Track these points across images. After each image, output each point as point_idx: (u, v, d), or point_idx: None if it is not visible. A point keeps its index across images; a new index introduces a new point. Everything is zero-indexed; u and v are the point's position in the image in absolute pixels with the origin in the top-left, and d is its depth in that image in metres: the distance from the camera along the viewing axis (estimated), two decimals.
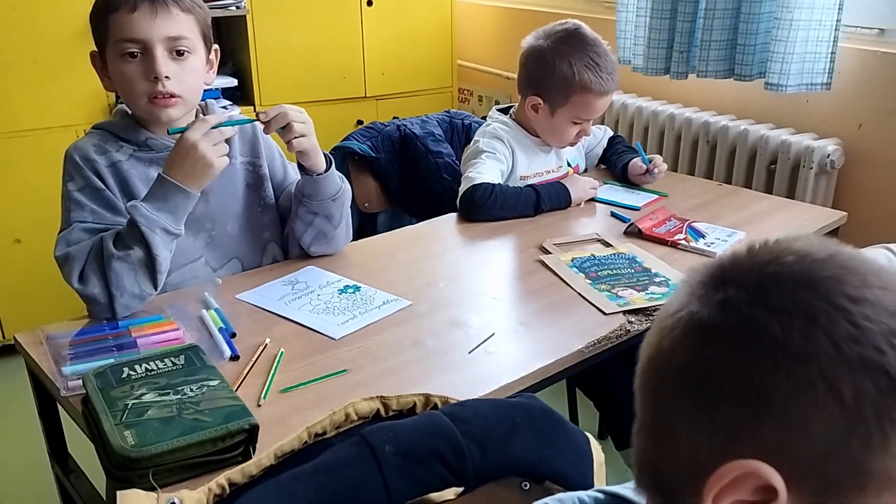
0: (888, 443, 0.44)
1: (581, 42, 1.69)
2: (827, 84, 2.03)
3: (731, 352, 0.47)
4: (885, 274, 0.49)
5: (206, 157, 1.19)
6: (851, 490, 0.45)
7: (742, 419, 0.46)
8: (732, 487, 0.46)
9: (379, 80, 3.15)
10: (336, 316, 1.25)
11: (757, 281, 0.49)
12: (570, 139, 1.80)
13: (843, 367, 0.45)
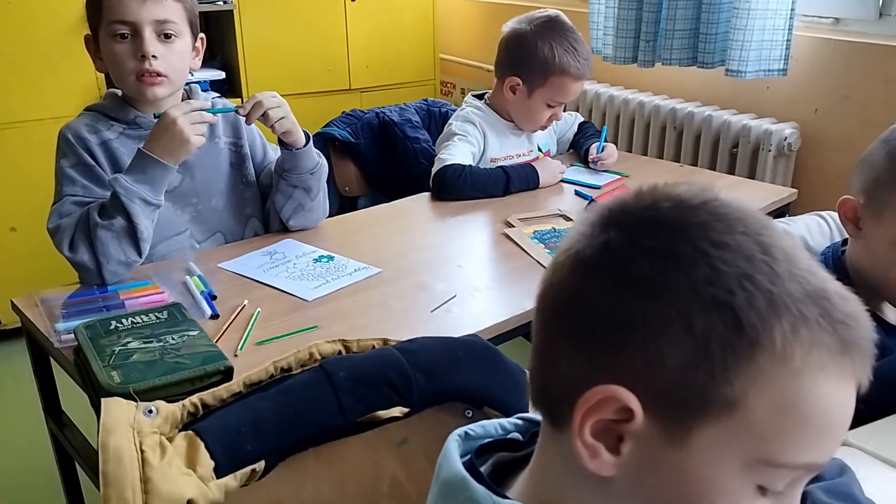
0: (729, 373, 0.48)
1: (561, 28, 1.81)
2: (783, 70, 2.14)
3: (604, 288, 0.52)
4: (752, 220, 0.53)
5: (184, 133, 1.29)
6: (696, 413, 0.49)
7: (609, 349, 0.51)
8: (597, 408, 0.51)
9: (363, 73, 3.25)
10: (310, 281, 1.35)
11: (635, 224, 0.53)
12: (543, 122, 1.90)
13: (696, 305, 0.49)
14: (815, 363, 0.49)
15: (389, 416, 0.81)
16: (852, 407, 0.52)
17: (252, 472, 0.73)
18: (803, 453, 0.50)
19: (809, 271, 0.51)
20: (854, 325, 0.50)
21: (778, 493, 0.52)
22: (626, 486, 0.53)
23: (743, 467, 0.50)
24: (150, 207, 1.29)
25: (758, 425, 0.49)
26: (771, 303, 0.48)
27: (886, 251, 1.09)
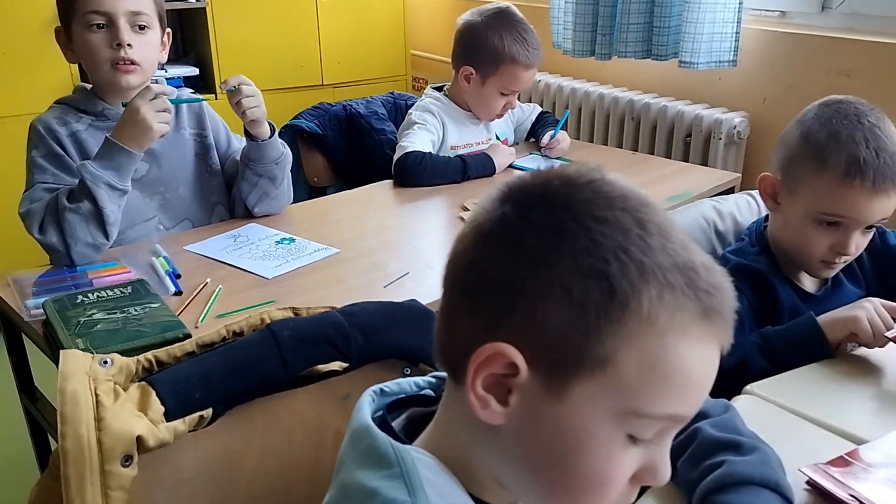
0: (601, 334, 0.54)
1: (511, 18, 1.90)
2: (733, 62, 2.23)
3: (498, 257, 0.58)
4: (632, 198, 0.59)
5: (147, 121, 1.36)
6: (573, 369, 0.55)
7: (499, 311, 0.57)
8: (488, 363, 0.57)
9: (335, 69, 3.32)
10: (271, 261, 1.43)
11: (527, 200, 0.59)
12: (498, 110, 1.98)
13: (576, 274, 0.55)
14: (679, 326, 0.55)
15: (329, 369, 0.88)
16: (714, 366, 0.59)
17: (200, 419, 0.81)
18: (667, 406, 0.57)
19: (681, 245, 0.57)
20: (717, 294, 0.57)
21: (647, 442, 0.59)
22: (513, 434, 0.60)
23: (613, 418, 0.56)
24: (116, 192, 1.36)
25: (626, 380, 0.55)
26: (641, 272, 0.55)
27: (801, 224, 1.18)
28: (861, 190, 1.10)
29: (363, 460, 0.64)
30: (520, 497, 0.65)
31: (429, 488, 0.61)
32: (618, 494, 0.60)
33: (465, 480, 0.64)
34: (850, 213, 1.13)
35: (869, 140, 1.11)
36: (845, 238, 1.14)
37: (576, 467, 0.58)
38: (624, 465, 0.59)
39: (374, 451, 0.64)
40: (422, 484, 0.61)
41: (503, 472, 0.63)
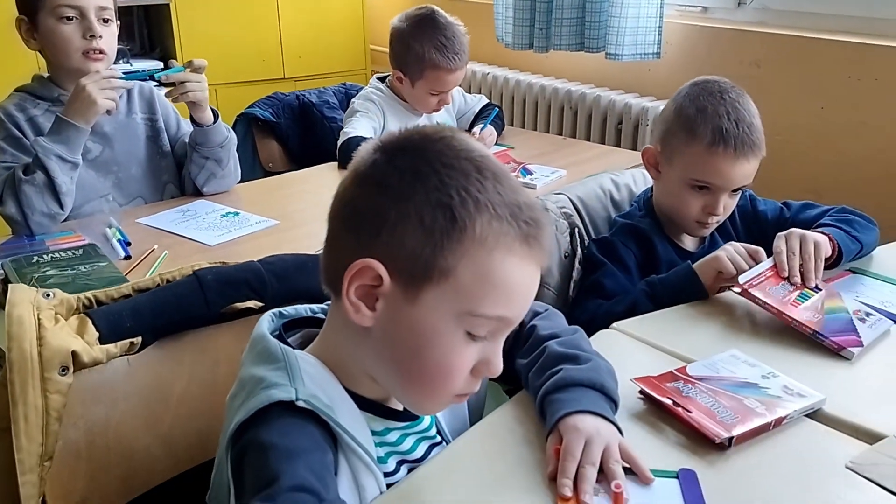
0: (445, 251, 0.70)
1: (432, 25, 2.01)
2: (657, 54, 2.40)
3: (369, 193, 0.75)
4: (475, 152, 0.75)
5: (91, 96, 1.50)
6: (424, 278, 0.72)
7: (369, 235, 0.73)
8: (359, 276, 0.73)
9: (296, 63, 3.46)
10: (215, 231, 1.57)
11: (393, 149, 0.75)
12: (433, 106, 2.13)
13: (427, 206, 0.71)
14: (504, 246, 0.73)
15: (245, 306, 1.03)
16: (534, 281, 0.77)
17: (130, 345, 0.95)
18: (496, 309, 0.74)
19: (510, 188, 0.75)
20: (534, 224, 0.74)
21: (483, 340, 0.76)
22: (380, 334, 0.76)
23: (455, 318, 0.73)
24: (66, 164, 1.50)
25: (464, 287, 0.72)
26: (476, 205, 0.72)
27: (677, 189, 1.34)
28: (725, 156, 1.27)
29: (257, 359, 0.80)
30: (386, 386, 0.81)
31: (307, 378, 0.76)
32: (461, 382, 0.77)
33: (342, 377, 0.80)
34: (716, 179, 1.29)
35: (730, 113, 1.28)
36: (715, 200, 1.31)
37: (428, 358, 0.75)
38: (465, 357, 0.75)
39: (265, 351, 0.80)
40: (301, 375, 0.76)
41: (373, 367, 0.79)
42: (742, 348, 1.04)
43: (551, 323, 0.99)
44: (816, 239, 1.20)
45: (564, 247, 1.38)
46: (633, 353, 1.07)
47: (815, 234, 1.22)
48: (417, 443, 0.86)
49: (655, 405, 0.93)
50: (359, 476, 0.77)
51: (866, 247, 1.31)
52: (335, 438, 0.75)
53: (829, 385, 0.97)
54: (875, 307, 1.17)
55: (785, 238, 1.21)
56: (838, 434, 0.89)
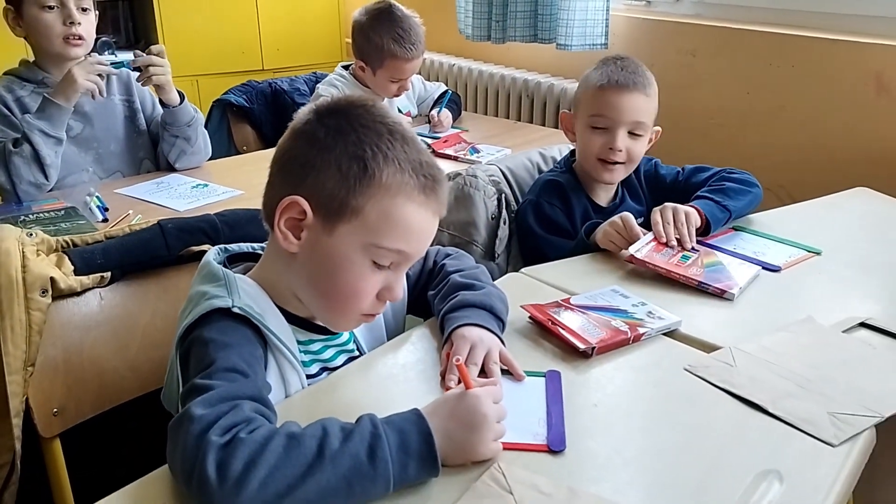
0: (357, 193, 0.88)
1: (389, 18, 2.19)
2: (605, 44, 2.59)
3: (300, 145, 0.94)
4: (389, 118, 0.93)
5: (73, 77, 1.69)
6: (338, 215, 0.89)
7: (298, 178, 0.91)
8: (288, 209, 0.90)
9: (275, 55, 3.63)
10: (185, 199, 1.75)
11: (324, 112, 0.95)
12: (393, 92, 2.31)
13: (345, 156, 0.89)
14: (405, 194, 0.90)
15: (200, 250, 1.21)
16: (430, 224, 0.95)
17: (101, 278, 1.13)
18: (396, 244, 0.92)
19: (415, 149, 0.93)
20: (431, 179, 0.93)
21: (386, 270, 0.93)
22: (304, 259, 0.94)
23: (362, 249, 0.91)
24: (50, 139, 1.68)
25: (370, 224, 0.90)
26: (385, 159, 0.90)
27: (583, 135, 1.53)
28: (612, 90, 1.48)
29: (202, 280, 0.98)
30: (308, 305, 0.99)
31: (243, 293, 0.94)
32: (367, 303, 0.95)
33: (274, 296, 0.98)
34: (608, 111, 1.48)
35: (618, 64, 1.51)
36: (613, 136, 1.49)
37: (340, 281, 0.93)
38: (370, 282, 0.93)
39: (209, 273, 0.98)
40: (238, 290, 0.94)
41: (298, 288, 0.97)
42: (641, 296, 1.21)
43: (459, 262, 1.17)
44: (686, 210, 1.38)
45: (492, 210, 1.57)
46: (535, 292, 1.25)
47: (685, 206, 1.40)
48: (337, 354, 1.04)
49: (539, 325, 1.11)
50: (284, 372, 0.95)
51: (737, 211, 1.48)
52: (266, 341, 0.93)
53: (710, 317, 1.16)
54: (747, 256, 1.36)
55: (660, 211, 1.39)
56: (687, 347, 1.08)
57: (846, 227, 1.55)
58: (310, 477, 0.73)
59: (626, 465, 0.84)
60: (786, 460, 0.84)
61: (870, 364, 1.01)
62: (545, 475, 0.81)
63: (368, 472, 0.75)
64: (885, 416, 0.90)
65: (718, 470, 0.83)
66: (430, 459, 0.78)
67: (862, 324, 1.12)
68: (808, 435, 0.87)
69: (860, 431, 0.87)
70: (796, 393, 0.94)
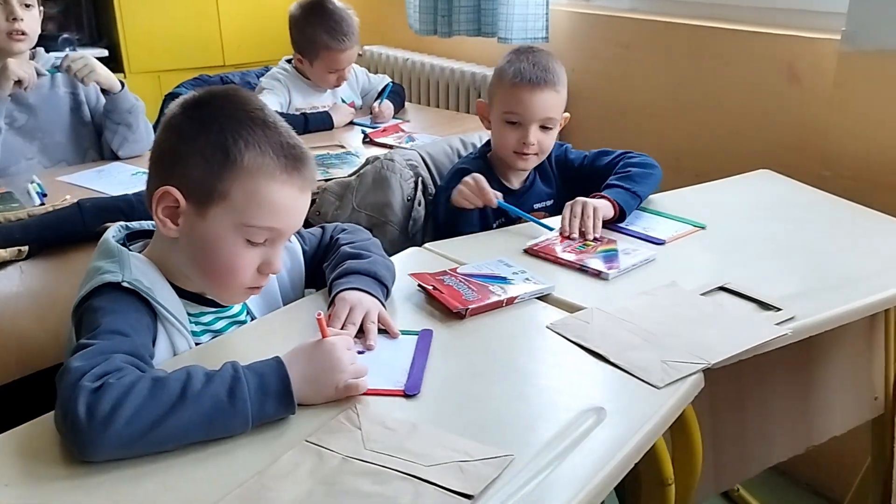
0: (223, 179, 0.96)
1: (321, 11, 2.29)
2: (545, 38, 2.68)
3: (170, 137, 1.01)
4: (251, 104, 1.02)
5: (7, 67, 1.78)
6: (208, 200, 0.98)
7: (169, 168, 1.00)
8: (162, 199, 0.99)
9: (236, 51, 3.70)
10: (122, 186, 1.83)
11: (190, 104, 1.02)
12: (333, 83, 2.40)
13: (209, 146, 0.97)
14: (267, 175, 0.99)
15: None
16: (297, 201, 1.03)
17: (19, 252, 1.22)
18: (265, 221, 1.00)
19: (276, 132, 1.01)
20: (293, 158, 1.01)
21: (262, 246, 1.02)
22: (184, 242, 1.03)
23: (234, 229, 1.00)
24: None
25: (238, 205, 0.99)
26: (246, 144, 0.98)
27: (498, 128, 1.62)
28: (525, 88, 1.56)
29: (99, 257, 1.06)
30: (196, 281, 1.07)
31: (134, 269, 1.03)
32: (248, 278, 1.04)
33: (166, 273, 1.06)
34: (520, 108, 1.57)
35: (530, 59, 1.59)
36: (525, 132, 1.58)
37: (217, 260, 1.02)
38: (246, 259, 1.02)
39: (105, 250, 1.06)
40: (130, 266, 1.03)
41: (184, 267, 1.06)
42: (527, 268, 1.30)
43: (352, 236, 1.26)
44: (596, 204, 1.46)
45: (408, 192, 1.66)
46: (432, 264, 1.34)
47: (595, 200, 1.48)
48: (229, 325, 1.13)
49: (425, 291, 1.21)
50: (174, 340, 1.04)
51: (645, 195, 1.58)
52: (156, 313, 1.02)
53: (586, 285, 1.26)
54: (636, 232, 1.46)
55: (570, 206, 1.47)
56: (556, 309, 1.17)
57: (740, 204, 1.65)
58: (172, 415, 0.82)
59: (472, 406, 0.94)
60: (613, 400, 0.94)
61: (715, 321, 1.11)
62: (396, 415, 0.90)
63: (228, 409, 0.84)
64: (712, 363, 1.00)
65: (552, 409, 0.93)
66: (286, 398, 0.87)
67: (721, 287, 1.23)
68: (640, 380, 0.97)
69: (685, 376, 0.97)
70: (639, 345, 1.04)
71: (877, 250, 1.39)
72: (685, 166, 2.30)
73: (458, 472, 0.79)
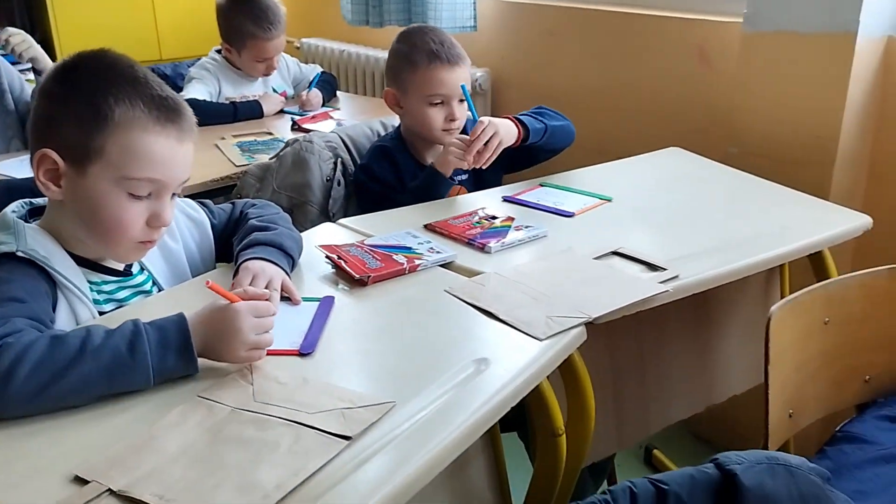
0: (97, 135, 0.99)
1: (245, 1, 2.31)
2: (473, 27, 2.74)
3: (42, 103, 1.05)
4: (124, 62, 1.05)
5: None
6: (86, 159, 1.00)
7: (46, 132, 1.02)
8: (42, 162, 1.02)
9: (173, 45, 3.68)
10: None
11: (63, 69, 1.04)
12: (262, 71, 2.43)
13: (82, 104, 1.00)
14: (140, 127, 1.02)
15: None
16: (174, 151, 1.05)
17: None
18: (144, 173, 1.03)
19: (148, 87, 1.04)
20: (165, 109, 1.04)
21: (147, 199, 1.04)
22: (70, 203, 1.05)
23: (115, 183, 1.02)
24: None
25: (114, 160, 1.01)
26: (116, 100, 1.01)
27: (421, 111, 1.66)
28: (443, 69, 1.62)
29: None
30: (89, 243, 1.08)
31: (30, 239, 1.04)
32: (137, 232, 1.06)
33: (63, 242, 1.08)
34: (443, 89, 1.63)
35: (436, 40, 1.65)
36: (451, 108, 1.64)
37: (104, 216, 1.04)
38: (132, 212, 1.04)
39: (2, 224, 1.07)
40: (25, 237, 1.04)
41: (76, 230, 1.07)
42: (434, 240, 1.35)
43: (260, 210, 1.30)
44: (498, 125, 1.56)
45: (326, 172, 1.70)
46: (344, 236, 1.38)
47: (501, 120, 1.58)
48: (133, 295, 1.16)
49: (332, 262, 1.25)
50: (75, 308, 1.06)
51: (552, 129, 1.67)
52: (56, 282, 1.04)
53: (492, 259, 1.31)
54: (547, 206, 1.52)
55: (481, 125, 1.55)
56: (456, 275, 1.23)
57: (647, 179, 1.73)
58: (72, 369, 0.85)
59: (364, 362, 0.98)
60: (498, 353, 0.99)
61: (603, 281, 1.18)
62: (289, 372, 0.94)
63: (128, 363, 0.87)
64: (592, 316, 1.06)
65: (439, 362, 0.98)
66: (187, 353, 0.91)
67: (614, 252, 1.29)
68: (525, 333, 1.03)
69: (566, 329, 1.03)
70: (528, 304, 1.10)
71: (771, 217, 1.47)
72: (607, 149, 2.37)
73: (340, 417, 0.84)
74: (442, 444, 0.81)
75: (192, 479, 0.75)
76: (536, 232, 1.38)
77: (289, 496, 0.73)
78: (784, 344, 1.14)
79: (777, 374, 1.12)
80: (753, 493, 0.62)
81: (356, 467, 0.77)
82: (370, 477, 0.76)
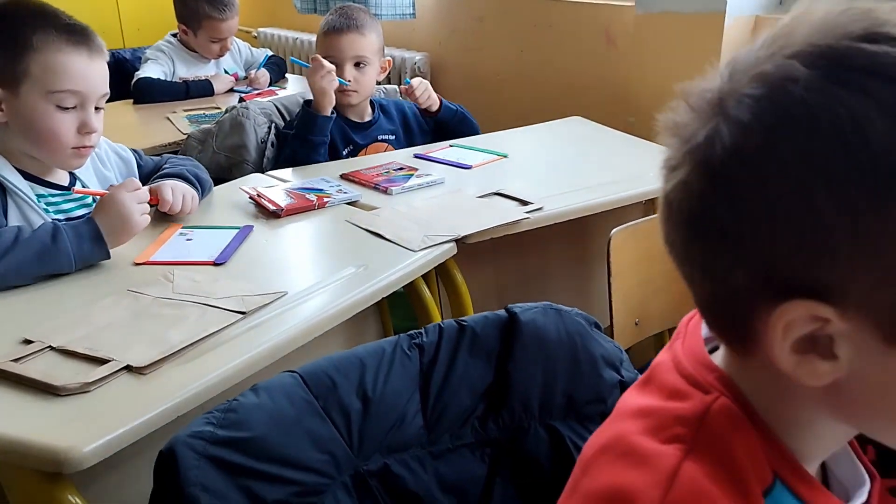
0: (17, 61, 1.25)
1: None
2: (412, 14, 2.96)
3: None
4: (50, 10, 1.30)
5: None
6: (15, 81, 1.25)
7: None
8: None
9: (136, 34, 3.87)
10: None
11: None
12: (216, 52, 2.64)
13: (4, 39, 1.26)
14: (55, 48, 1.21)
15: None
16: (88, 66, 1.24)
17: None
18: (66, 85, 1.21)
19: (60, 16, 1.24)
20: (74, 31, 1.23)
21: (74, 109, 1.23)
22: (12, 123, 1.26)
23: (43, 98, 1.21)
24: None
25: (38, 78, 1.20)
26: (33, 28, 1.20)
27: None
28: (333, 35, 1.90)
29: None
30: (32, 155, 1.27)
31: None
32: (71, 139, 1.25)
33: (12, 160, 1.28)
34: (333, 51, 1.88)
35: (338, 12, 1.93)
36: (342, 69, 1.87)
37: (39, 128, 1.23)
38: (63, 122, 1.23)
39: None
40: None
41: (23, 147, 1.28)
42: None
43: (181, 160, 1.52)
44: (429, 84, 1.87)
45: (262, 135, 1.91)
46: (270, 184, 1.60)
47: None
48: (77, 208, 1.35)
49: (252, 200, 1.47)
50: (26, 214, 1.26)
51: (461, 115, 1.96)
52: (5, 189, 1.24)
53: (392, 199, 1.54)
54: (451, 160, 1.75)
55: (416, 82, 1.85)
56: (361, 210, 1.45)
57: (544, 141, 1.97)
58: (8, 255, 1.08)
59: (268, 270, 1.20)
60: (380, 261, 1.22)
61: (479, 211, 1.41)
62: (205, 275, 1.16)
63: (53, 249, 1.11)
64: (460, 234, 1.29)
65: (330, 266, 1.20)
66: (98, 241, 1.15)
67: (496, 192, 1.52)
68: (404, 248, 1.25)
69: (438, 244, 1.26)
70: (412, 228, 1.33)
71: (642, 169, 1.71)
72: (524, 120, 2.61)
73: (239, 301, 1.06)
74: (326, 313, 1.05)
75: (116, 339, 0.96)
76: (434, 178, 1.61)
77: (190, 347, 0.95)
78: (625, 263, 1.38)
79: (619, 285, 1.35)
80: (528, 326, 0.84)
81: (248, 330, 1.00)
82: (261, 337, 0.99)
